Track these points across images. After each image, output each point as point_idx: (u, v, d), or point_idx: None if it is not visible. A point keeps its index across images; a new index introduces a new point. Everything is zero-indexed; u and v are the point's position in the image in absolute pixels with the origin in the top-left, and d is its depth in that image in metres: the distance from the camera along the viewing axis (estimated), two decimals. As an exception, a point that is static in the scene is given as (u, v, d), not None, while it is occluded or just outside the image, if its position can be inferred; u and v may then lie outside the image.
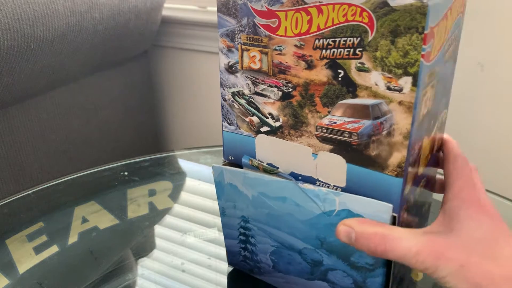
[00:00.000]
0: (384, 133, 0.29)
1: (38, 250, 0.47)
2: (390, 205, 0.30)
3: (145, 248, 0.48)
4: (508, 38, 0.72)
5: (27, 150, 0.78)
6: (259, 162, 0.36)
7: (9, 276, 0.44)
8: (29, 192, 0.57)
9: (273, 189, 0.35)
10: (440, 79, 0.31)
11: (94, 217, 0.52)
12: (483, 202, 0.30)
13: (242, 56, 0.33)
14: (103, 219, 0.52)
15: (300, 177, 0.34)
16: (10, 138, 0.74)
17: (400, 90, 0.27)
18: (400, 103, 0.28)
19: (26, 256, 0.46)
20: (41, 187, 0.58)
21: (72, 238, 0.49)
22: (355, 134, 0.30)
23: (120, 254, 0.47)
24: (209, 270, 0.44)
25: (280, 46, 0.31)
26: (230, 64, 0.34)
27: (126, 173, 0.61)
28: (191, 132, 1.17)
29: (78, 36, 0.77)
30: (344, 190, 0.32)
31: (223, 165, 0.38)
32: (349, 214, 0.32)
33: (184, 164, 0.66)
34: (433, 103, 0.31)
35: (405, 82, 0.27)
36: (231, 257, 0.43)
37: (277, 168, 0.35)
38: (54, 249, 0.47)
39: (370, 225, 0.30)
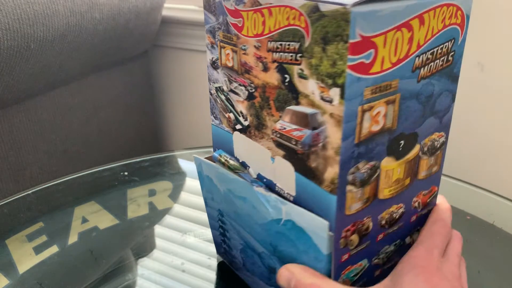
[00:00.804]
0: (320, 145, 0.27)
1: (38, 250, 0.47)
2: (327, 223, 0.28)
3: (145, 248, 0.48)
4: (508, 38, 0.72)
5: (27, 150, 0.78)
6: (225, 159, 0.36)
7: (9, 276, 0.44)
8: (29, 192, 0.57)
9: (237, 187, 0.35)
10: (411, 96, 0.28)
11: (94, 217, 0.52)
12: (442, 273, 0.29)
13: (220, 53, 0.33)
14: (103, 219, 0.52)
15: (265, 179, 0.33)
16: (10, 138, 0.74)
17: (330, 102, 0.25)
18: (331, 115, 0.25)
19: (26, 256, 0.46)
20: (41, 187, 0.58)
21: (72, 238, 0.49)
22: (300, 142, 0.28)
23: (120, 254, 0.47)
24: (209, 270, 0.44)
25: (245, 46, 0.31)
26: (213, 59, 0.34)
27: (126, 173, 0.61)
28: (191, 132, 1.17)
29: (78, 36, 0.77)
30: (294, 198, 0.31)
31: (205, 157, 0.38)
32: (294, 226, 0.31)
33: (184, 164, 0.66)
34: (394, 121, 0.28)
35: (335, 93, 0.25)
36: (217, 247, 0.44)
37: (248, 167, 0.34)
38: (54, 249, 0.47)
39: (310, 275, 0.30)
